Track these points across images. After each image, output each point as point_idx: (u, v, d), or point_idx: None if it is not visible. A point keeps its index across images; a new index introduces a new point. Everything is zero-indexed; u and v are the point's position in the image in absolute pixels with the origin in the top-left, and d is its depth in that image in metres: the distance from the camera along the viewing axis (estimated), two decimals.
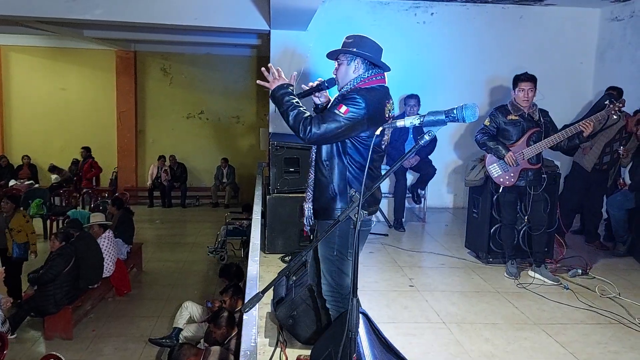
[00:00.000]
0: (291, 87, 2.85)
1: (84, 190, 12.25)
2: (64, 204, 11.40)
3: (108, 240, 7.38)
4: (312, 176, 2.99)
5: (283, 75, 2.87)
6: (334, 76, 2.96)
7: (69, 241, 6.77)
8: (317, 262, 3.05)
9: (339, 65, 2.93)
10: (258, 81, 2.98)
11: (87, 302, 7.04)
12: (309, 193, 3.02)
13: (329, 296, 2.95)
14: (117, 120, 13.92)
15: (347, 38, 2.92)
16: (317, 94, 3.03)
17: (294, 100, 2.78)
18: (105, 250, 7.25)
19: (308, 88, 3.00)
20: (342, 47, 2.91)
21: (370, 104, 2.72)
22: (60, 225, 9.99)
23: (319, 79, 3.01)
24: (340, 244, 2.81)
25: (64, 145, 14.04)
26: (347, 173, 2.84)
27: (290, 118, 2.73)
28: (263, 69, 2.89)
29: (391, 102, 2.89)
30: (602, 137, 5.72)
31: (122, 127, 13.95)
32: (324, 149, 2.86)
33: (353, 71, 2.87)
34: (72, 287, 6.50)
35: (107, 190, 13.25)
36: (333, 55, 2.96)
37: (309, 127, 2.68)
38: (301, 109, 2.75)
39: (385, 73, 2.92)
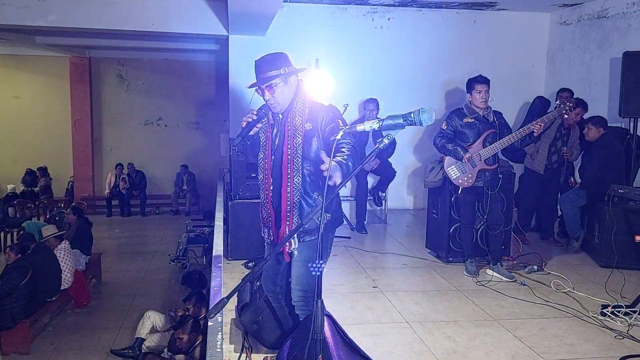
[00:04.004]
0: (340, 160, 2.53)
1: (38, 202, 11.91)
2: (18, 216, 11.04)
3: (64, 251, 7.19)
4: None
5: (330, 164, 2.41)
6: (268, 101, 2.86)
7: (25, 253, 6.58)
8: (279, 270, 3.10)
9: (272, 89, 2.82)
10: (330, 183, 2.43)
11: (45, 315, 6.84)
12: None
13: (301, 301, 2.94)
14: (72, 128, 13.56)
15: (266, 62, 2.84)
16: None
17: (345, 160, 2.52)
18: (62, 261, 7.06)
19: (249, 122, 2.83)
20: (265, 71, 2.82)
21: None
22: (15, 238, 9.68)
23: (252, 110, 2.87)
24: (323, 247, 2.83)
25: (16, 155, 13.61)
26: (305, 183, 2.87)
27: (352, 167, 2.51)
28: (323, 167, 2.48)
29: None
30: (544, 139, 5.95)
31: (77, 135, 13.58)
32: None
33: (293, 88, 2.89)
34: (29, 301, 6.31)
35: (64, 200, 12.90)
36: (265, 82, 2.82)
37: (354, 157, 2.57)
38: (344, 155, 2.55)
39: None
